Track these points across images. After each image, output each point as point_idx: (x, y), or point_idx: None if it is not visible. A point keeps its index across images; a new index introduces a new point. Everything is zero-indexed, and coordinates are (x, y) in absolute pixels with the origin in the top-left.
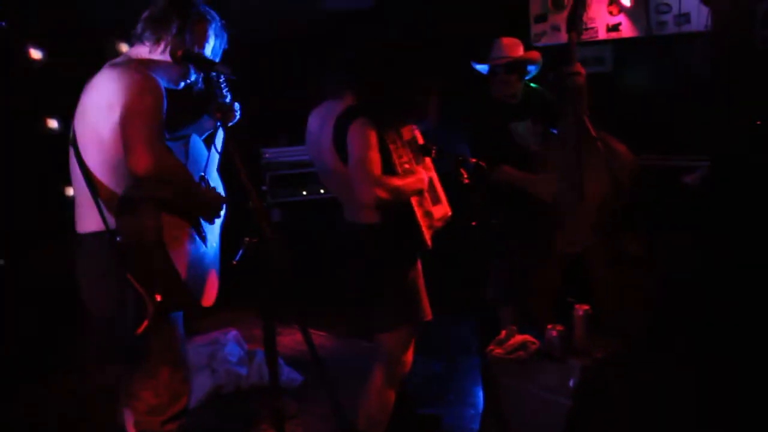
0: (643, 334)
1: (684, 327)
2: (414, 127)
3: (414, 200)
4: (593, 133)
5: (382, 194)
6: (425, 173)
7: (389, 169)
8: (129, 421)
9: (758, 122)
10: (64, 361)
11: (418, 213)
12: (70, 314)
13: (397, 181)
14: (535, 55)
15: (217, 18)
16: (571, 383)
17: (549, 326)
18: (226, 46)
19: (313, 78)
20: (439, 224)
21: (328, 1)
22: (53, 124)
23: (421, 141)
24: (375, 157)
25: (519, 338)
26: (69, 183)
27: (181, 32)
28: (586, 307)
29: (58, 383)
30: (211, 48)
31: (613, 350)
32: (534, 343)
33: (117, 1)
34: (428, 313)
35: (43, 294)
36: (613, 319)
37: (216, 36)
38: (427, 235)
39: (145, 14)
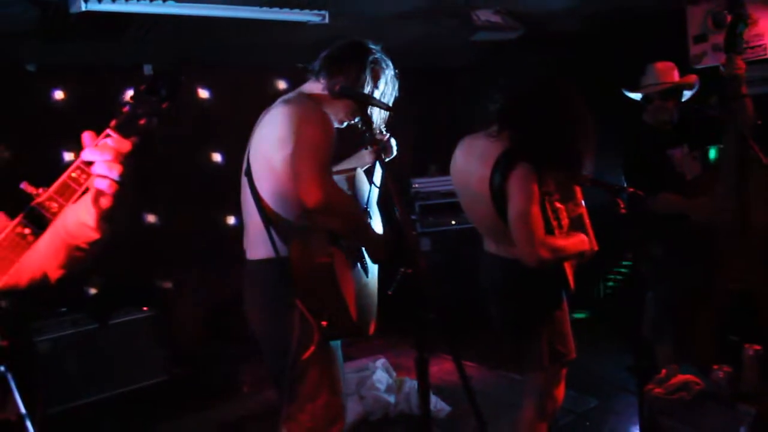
0: None
1: None
2: None
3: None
4: (762, 158)
5: (546, 255)
6: (584, 237)
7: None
8: None
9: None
10: (224, 385)
11: None
12: (229, 339)
13: (560, 242)
14: (692, 78)
15: (392, 66)
16: (742, 431)
17: (715, 366)
18: (397, 94)
19: (462, 108)
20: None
21: (477, 34)
22: (217, 157)
23: None
24: (538, 213)
25: (681, 378)
26: (230, 213)
27: (358, 75)
28: (758, 347)
29: (216, 406)
30: (380, 93)
31: None
32: (698, 383)
33: (266, 46)
34: (573, 351)
35: (202, 319)
36: None
37: (387, 83)
38: (570, 275)
39: (324, 53)
